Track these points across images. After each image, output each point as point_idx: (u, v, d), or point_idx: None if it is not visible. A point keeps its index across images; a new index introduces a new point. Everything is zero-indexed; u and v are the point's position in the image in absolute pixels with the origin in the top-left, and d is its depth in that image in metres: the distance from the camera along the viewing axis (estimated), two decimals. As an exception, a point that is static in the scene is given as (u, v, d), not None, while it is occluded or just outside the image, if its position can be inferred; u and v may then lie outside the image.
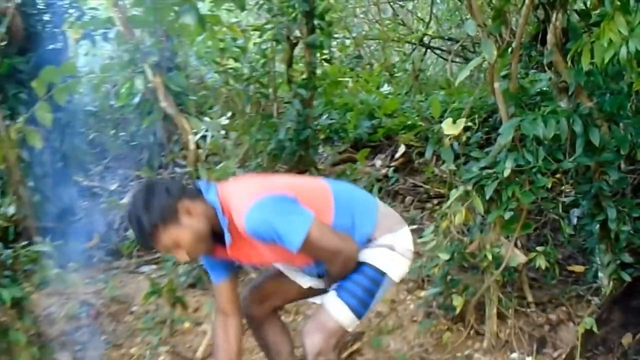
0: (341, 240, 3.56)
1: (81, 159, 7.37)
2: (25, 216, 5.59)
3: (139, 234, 3.44)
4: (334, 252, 3.55)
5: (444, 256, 4.75)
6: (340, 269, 3.63)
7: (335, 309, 3.62)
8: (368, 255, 3.72)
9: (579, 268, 5.51)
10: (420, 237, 5.07)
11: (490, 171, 4.41)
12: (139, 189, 3.66)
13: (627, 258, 4.76)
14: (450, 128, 4.42)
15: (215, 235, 3.54)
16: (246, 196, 3.46)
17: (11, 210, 5.67)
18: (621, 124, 4.56)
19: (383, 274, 3.70)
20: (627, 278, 4.76)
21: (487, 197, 4.42)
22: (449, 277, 5.03)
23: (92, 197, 7.96)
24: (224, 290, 3.99)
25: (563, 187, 5.25)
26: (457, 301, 4.82)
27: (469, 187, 4.48)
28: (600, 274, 4.96)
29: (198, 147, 5.30)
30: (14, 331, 4.38)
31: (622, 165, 4.82)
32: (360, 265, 3.69)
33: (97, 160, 8.76)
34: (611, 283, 4.84)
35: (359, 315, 3.65)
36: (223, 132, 5.91)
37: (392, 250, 3.73)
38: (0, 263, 4.47)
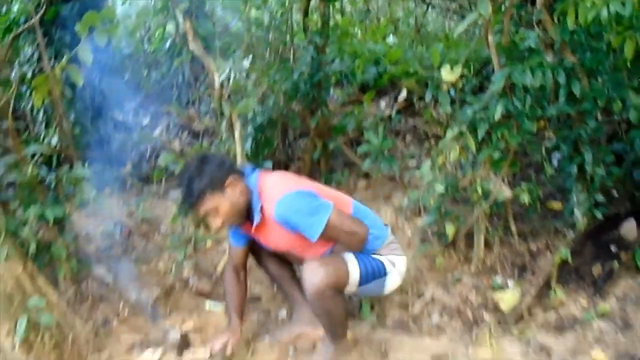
0: (355, 224, 3.83)
1: (117, 96, 7.42)
2: (67, 146, 5.65)
3: (186, 196, 3.73)
4: (350, 234, 3.81)
5: (439, 188, 4.85)
6: (354, 248, 3.86)
7: (351, 262, 3.82)
8: (379, 257, 3.98)
9: (557, 205, 5.57)
10: (419, 170, 5.20)
11: (482, 115, 4.48)
12: (195, 156, 3.93)
13: (600, 198, 4.87)
14: (448, 75, 4.51)
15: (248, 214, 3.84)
16: (279, 187, 3.76)
17: (54, 140, 5.79)
18: (600, 79, 4.60)
19: (385, 274, 3.97)
20: (599, 216, 4.88)
21: (479, 137, 4.53)
22: (442, 208, 5.14)
23: (126, 131, 8.04)
24: (239, 253, 4.34)
25: (546, 133, 5.28)
26: (450, 229, 4.98)
27: (463, 128, 4.57)
28: (575, 211, 5.02)
29: (222, 86, 5.44)
30: (55, 247, 4.51)
31: (599, 117, 4.84)
32: (374, 258, 3.93)
33: (131, 97, 8.82)
34: (585, 219, 4.95)
35: (361, 281, 3.86)
36: (244, 73, 6.02)
37: (393, 266, 4.02)
38: (44, 186, 4.57)
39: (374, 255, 3.99)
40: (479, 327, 4.50)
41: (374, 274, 3.92)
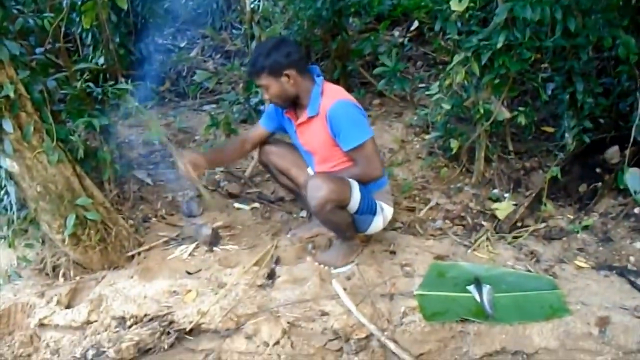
0: (379, 162, 3.78)
1: (158, 21, 7.35)
2: (112, 64, 5.65)
3: (251, 66, 3.85)
4: (371, 165, 3.75)
5: (446, 106, 4.82)
6: (363, 178, 3.81)
7: (355, 187, 3.75)
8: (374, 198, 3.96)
9: (550, 129, 5.54)
10: (428, 91, 5.16)
11: (486, 42, 4.40)
12: (278, 38, 4.14)
13: (588, 124, 4.87)
14: (456, 5, 4.40)
15: (296, 105, 3.90)
16: (344, 94, 3.83)
17: (101, 60, 5.75)
18: (593, 17, 4.53)
19: (375, 214, 3.94)
20: (587, 140, 4.89)
21: (482, 63, 4.44)
22: (448, 125, 5.17)
23: (166, 52, 7.99)
24: (259, 133, 4.28)
25: (542, 65, 5.25)
26: (454, 144, 4.97)
27: (469, 54, 4.48)
28: (566, 135, 5.05)
29: (253, 11, 5.35)
30: (101, 152, 4.48)
31: (591, 52, 4.82)
32: (370, 196, 3.91)
33: (171, 22, 8.75)
34: (574, 143, 4.98)
35: (358, 208, 3.82)
36: (272, 1, 5.93)
37: (382, 211, 3.98)
38: (92, 99, 4.55)
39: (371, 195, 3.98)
40: (477, 232, 4.49)
41: (368, 209, 3.88)
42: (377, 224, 3.99)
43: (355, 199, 3.74)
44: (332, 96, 3.76)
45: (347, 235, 3.98)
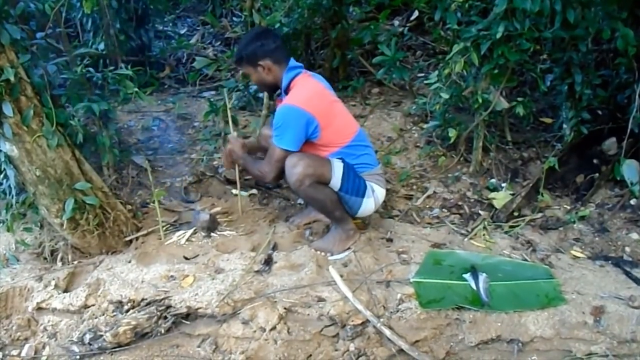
0: (273, 170, 3.95)
1: (158, 7, 7.36)
2: (112, 50, 5.68)
3: (234, 56, 4.08)
4: (265, 166, 3.99)
5: (445, 95, 4.85)
6: (255, 172, 4.16)
7: (337, 164, 3.84)
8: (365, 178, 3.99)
9: (548, 120, 5.57)
10: (427, 80, 5.17)
11: (485, 33, 4.39)
12: (259, 29, 4.34)
13: (586, 115, 4.90)
14: (456, -6, 4.43)
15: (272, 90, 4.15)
16: (294, 95, 3.88)
17: (101, 46, 5.76)
18: (592, 9, 4.53)
19: (364, 195, 3.95)
20: (585, 131, 4.93)
21: (482, 53, 4.45)
22: (447, 114, 5.17)
23: (166, 39, 8.05)
24: None
25: (541, 56, 5.26)
26: (452, 133, 4.96)
27: (468, 44, 4.48)
28: (564, 126, 5.07)
29: (253, -1, 5.35)
30: (101, 137, 4.51)
31: (589, 45, 4.84)
32: (360, 175, 3.95)
33: (171, 9, 8.81)
34: (572, 134, 5.01)
35: (342, 185, 3.85)
36: (273, -12, 5.93)
37: (373, 192, 3.99)
38: (91, 84, 4.56)
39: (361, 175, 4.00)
40: (474, 221, 4.50)
41: (355, 189, 3.91)
42: (369, 206, 4.00)
43: (337, 175, 3.80)
44: (290, 97, 3.88)
45: (336, 215, 3.99)
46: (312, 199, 3.88)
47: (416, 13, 7.58)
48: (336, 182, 3.80)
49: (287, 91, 3.95)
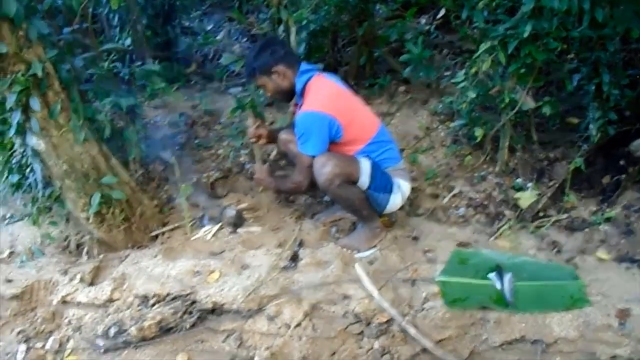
0: (304, 178, 3.99)
1: (184, 3, 7.40)
2: (139, 46, 5.70)
3: (246, 69, 4.07)
4: (296, 176, 4.05)
5: (472, 94, 4.80)
6: (287, 185, 4.22)
7: (364, 162, 3.87)
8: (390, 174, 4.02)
9: (574, 120, 5.49)
10: (453, 79, 5.15)
11: (513, 32, 4.37)
12: (263, 40, 4.20)
13: (613, 116, 4.82)
14: (484, -9, 4.42)
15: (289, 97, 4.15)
16: (313, 100, 3.90)
17: (128, 41, 5.79)
18: (621, 7, 4.49)
19: (391, 191, 3.99)
20: (612, 132, 4.86)
21: (509, 52, 4.41)
22: (473, 113, 5.14)
23: (192, 35, 8.05)
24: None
25: (569, 55, 5.22)
26: (479, 132, 4.94)
27: (495, 43, 4.45)
28: (591, 126, 4.98)
29: (281, -4, 5.34)
30: (127, 132, 4.54)
31: (618, 45, 4.79)
32: (386, 172, 3.99)
33: (197, 5, 8.84)
34: (599, 134, 4.91)
35: (371, 183, 3.88)
36: (300, -15, 5.92)
37: (399, 188, 4.02)
38: (119, 79, 4.59)
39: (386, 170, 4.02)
40: (500, 221, 4.48)
41: (383, 186, 3.95)
42: (396, 201, 4.04)
43: (365, 174, 3.83)
44: (308, 102, 3.91)
45: (364, 214, 4.03)
46: (340, 198, 3.90)
47: (443, 11, 7.47)
48: (364, 180, 3.83)
49: (302, 94, 3.98)
